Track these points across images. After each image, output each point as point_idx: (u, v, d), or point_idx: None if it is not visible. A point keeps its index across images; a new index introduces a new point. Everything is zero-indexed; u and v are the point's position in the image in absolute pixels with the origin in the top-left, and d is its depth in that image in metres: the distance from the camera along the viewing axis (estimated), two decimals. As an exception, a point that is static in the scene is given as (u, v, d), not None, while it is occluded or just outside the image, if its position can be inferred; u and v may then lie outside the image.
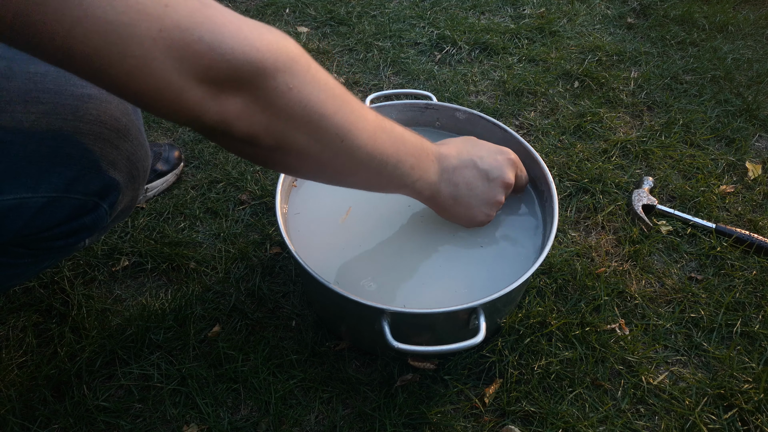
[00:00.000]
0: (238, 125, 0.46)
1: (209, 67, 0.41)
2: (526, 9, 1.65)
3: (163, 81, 0.40)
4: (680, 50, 1.52)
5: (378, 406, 0.81)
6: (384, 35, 1.52)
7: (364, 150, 0.55)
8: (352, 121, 0.53)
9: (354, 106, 0.54)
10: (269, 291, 0.94)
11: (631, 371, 0.86)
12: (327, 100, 0.50)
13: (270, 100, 0.46)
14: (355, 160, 0.55)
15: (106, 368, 0.84)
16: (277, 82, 0.45)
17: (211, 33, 0.41)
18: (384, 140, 0.57)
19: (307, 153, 0.51)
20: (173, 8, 0.39)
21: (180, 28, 0.39)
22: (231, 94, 0.44)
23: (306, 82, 0.48)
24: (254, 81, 0.44)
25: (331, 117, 0.50)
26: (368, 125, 0.55)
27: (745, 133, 1.27)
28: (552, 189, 0.82)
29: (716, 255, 1.02)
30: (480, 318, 0.69)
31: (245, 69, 0.43)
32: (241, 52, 0.42)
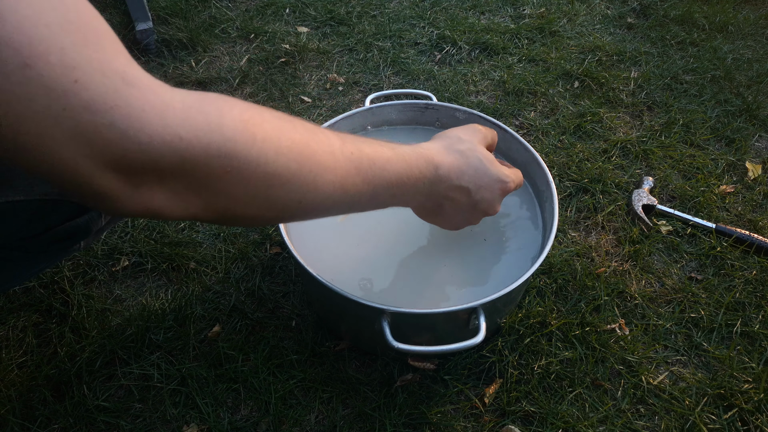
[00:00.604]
0: (168, 212, 0.41)
1: (122, 156, 0.36)
2: (526, 9, 1.65)
3: (65, 165, 0.35)
4: (680, 50, 1.52)
5: (378, 406, 0.81)
6: (384, 35, 1.52)
7: (329, 200, 0.50)
8: (313, 179, 0.47)
9: (318, 158, 0.48)
10: (269, 291, 0.94)
11: (631, 371, 0.86)
12: (278, 170, 0.44)
13: (204, 185, 0.40)
14: (320, 210, 0.51)
15: (106, 368, 0.84)
16: (211, 167, 0.40)
17: (126, 119, 0.35)
18: (357, 183, 0.52)
19: (262, 218, 0.47)
20: (84, 85, 0.33)
21: (89, 110, 0.34)
22: (155, 185, 0.39)
23: (250, 160, 0.42)
24: (181, 170, 0.39)
25: (285, 185, 0.45)
26: (336, 174, 0.49)
27: (745, 133, 1.27)
28: (552, 189, 0.82)
29: (716, 255, 1.02)
30: (480, 318, 0.69)
31: (167, 160, 0.37)
32: (160, 142, 0.36)
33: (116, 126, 0.35)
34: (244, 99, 1.31)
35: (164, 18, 1.51)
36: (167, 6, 1.54)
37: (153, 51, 1.41)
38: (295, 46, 1.46)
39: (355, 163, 0.52)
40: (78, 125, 0.34)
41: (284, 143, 0.44)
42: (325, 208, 0.51)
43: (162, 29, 1.47)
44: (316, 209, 0.50)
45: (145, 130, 0.36)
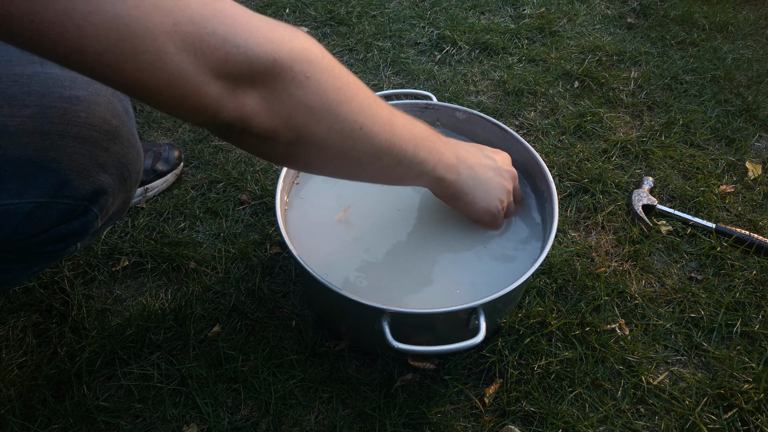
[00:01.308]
0: (257, 121, 0.45)
1: (225, 60, 0.40)
2: (526, 9, 1.65)
3: (178, 77, 0.39)
4: (680, 50, 1.52)
5: (378, 406, 0.81)
6: (384, 35, 1.52)
7: (383, 136, 0.54)
8: (368, 107, 0.52)
9: (368, 93, 0.53)
10: (269, 291, 0.94)
11: (631, 371, 0.86)
12: (343, 87, 0.49)
13: (289, 91, 0.45)
14: (375, 149, 0.54)
15: (106, 368, 0.84)
16: (295, 72, 0.45)
17: (224, 26, 0.40)
18: (399, 127, 0.56)
19: (327, 144, 0.50)
20: (185, 2, 0.38)
21: (193, 22, 0.38)
22: (249, 89, 0.43)
23: (322, 70, 0.47)
24: (271, 73, 0.43)
25: (349, 103, 0.50)
26: (384, 111, 0.54)
27: (745, 133, 1.27)
28: (552, 189, 0.82)
29: (716, 255, 1.02)
30: (480, 318, 0.69)
31: (261, 61, 0.42)
32: (255, 44, 0.42)
33: (217, 33, 0.40)
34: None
35: (164, 18, 1.51)
36: (167, 6, 1.53)
37: (153, 51, 1.41)
38: (295, 46, 1.46)
39: (393, 110, 0.57)
40: (187, 36, 0.38)
41: (343, 69, 0.50)
42: (378, 150, 0.54)
43: (162, 29, 1.47)
44: (371, 147, 0.53)
45: (240, 34, 0.41)
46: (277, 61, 0.43)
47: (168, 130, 1.24)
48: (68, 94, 0.58)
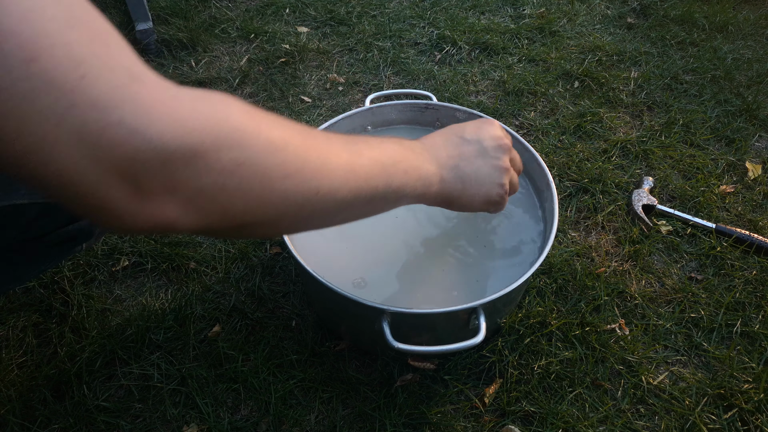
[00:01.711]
0: (182, 223, 0.38)
1: (132, 158, 0.33)
2: (526, 9, 1.65)
3: (72, 174, 0.32)
4: (680, 50, 1.52)
5: (378, 406, 0.81)
6: (384, 35, 1.52)
7: (345, 188, 0.48)
8: (323, 165, 0.45)
9: (319, 146, 0.46)
10: (269, 291, 0.94)
11: (631, 371, 0.86)
12: (288, 159, 0.42)
13: (219, 184, 0.38)
14: (339, 203, 0.48)
15: (106, 368, 0.84)
16: (223, 162, 0.37)
17: (136, 114, 0.33)
18: (364, 167, 0.50)
19: (281, 219, 0.44)
20: (91, 81, 0.31)
21: (96, 107, 0.31)
22: (166, 191, 0.36)
23: (258, 150, 0.40)
24: (194, 168, 0.36)
25: (298, 173, 0.43)
26: (341, 159, 0.48)
27: (745, 133, 1.27)
28: (552, 189, 0.82)
29: (716, 255, 1.02)
30: (480, 318, 0.69)
31: (179, 156, 0.35)
32: (172, 136, 0.34)
33: (125, 123, 0.32)
34: (244, 99, 1.31)
35: (164, 18, 1.51)
36: (167, 6, 1.54)
37: (153, 51, 1.41)
38: (295, 46, 1.46)
39: (354, 149, 0.51)
40: (85, 124, 0.31)
41: (287, 132, 0.43)
42: (343, 201, 0.48)
43: (162, 29, 1.47)
44: (334, 203, 0.47)
45: (155, 125, 0.33)
46: (200, 154, 0.36)
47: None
48: None
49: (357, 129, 0.97)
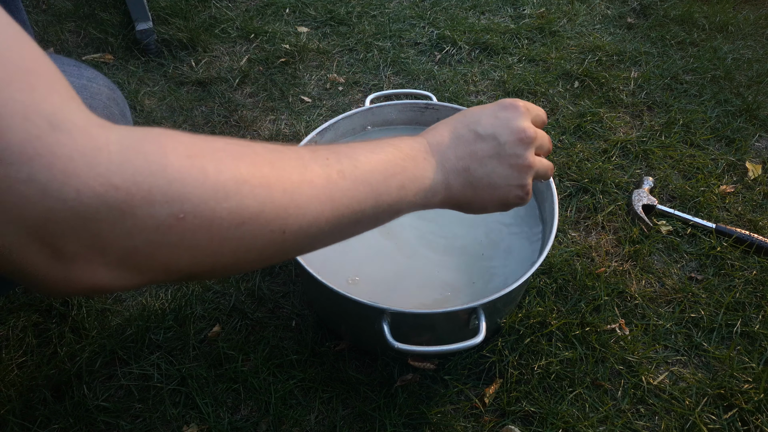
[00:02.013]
0: (118, 285, 0.34)
1: (47, 219, 0.29)
2: (526, 9, 1.65)
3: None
4: (680, 50, 1.52)
5: (378, 406, 0.81)
6: (384, 35, 1.52)
7: (322, 220, 0.41)
8: (291, 200, 0.39)
9: (290, 176, 0.39)
10: (269, 291, 0.94)
11: (631, 371, 0.86)
12: (244, 201, 0.36)
13: (155, 243, 0.32)
14: (315, 236, 0.42)
15: (106, 368, 0.84)
16: (158, 218, 0.32)
17: (48, 170, 0.28)
18: (346, 190, 0.43)
19: (241, 264, 0.38)
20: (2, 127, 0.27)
21: (3, 162, 0.27)
22: (93, 254, 0.31)
23: (204, 198, 0.34)
24: (121, 227, 0.31)
25: (258, 216, 0.37)
26: (316, 188, 0.41)
27: (745, 133, 1.27)
28: (552, 189, 0.82)
29: (716, 255, 1.02)
30: (480, 318, 0.69)
31: (103, 215, 0.30)
32: (91, 195, 0.29)
33: (35, 180, 0.28)
34: (244, 99, 1.31)
35: (164, 18, 1.51)
36: (167, 6, 1.54)
37: (153, 51, 1.41)
38: (295, 46, 1.46)
39: (334, 167, 0.43)
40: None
41: (244, 170, 0.36)
42: (323, 232, 0.42)
43: (162, 29, 1.47)
44: (311, 235, 0.41)
45: (71, 182, 0.29)
46: (128, 211, 0.31)
47: (168, 130, 1.24)
48: None
49: (357, 129, 0.97)
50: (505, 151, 0.53)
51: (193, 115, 1.26)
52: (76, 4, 1.53)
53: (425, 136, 0.53)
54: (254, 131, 1.24)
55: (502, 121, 0.53)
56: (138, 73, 1.36)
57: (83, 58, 1.38)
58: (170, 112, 1.27)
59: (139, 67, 1.37)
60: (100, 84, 0.60)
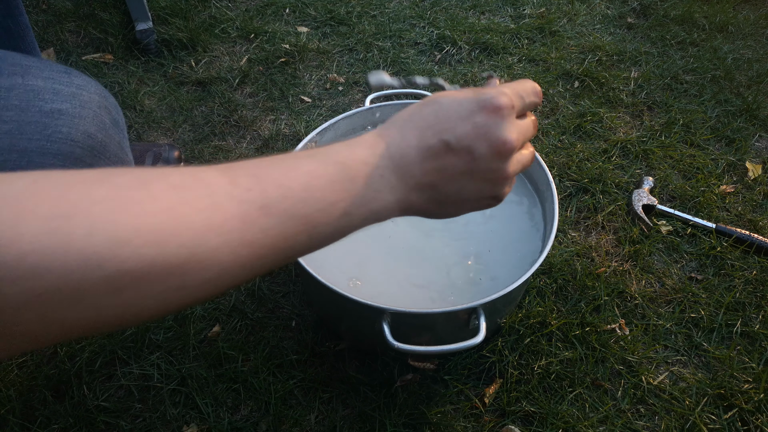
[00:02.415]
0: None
1: None
2: (526, 9, 1.65)
3: None
4: (680, 50, 1.52)
5: (378, 406, 0.81)
6: (384, 35, 1.52)
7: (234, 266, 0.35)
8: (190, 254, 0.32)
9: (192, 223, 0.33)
10: (269, 291, 0.94)
11: (632, 371, 0.86)
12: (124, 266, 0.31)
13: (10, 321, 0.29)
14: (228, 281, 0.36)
15: (106, 368, 0.84)
16: (9, 297, 0.28)
17: None
18: (269, 227, 0.36)
19: (132, 321, 0.33)
20: None
21: None
22: None
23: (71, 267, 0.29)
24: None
25: (142, 280, 0.31)
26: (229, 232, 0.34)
27: (745, 133, 1.27)
28: (552, 189, 0.82)
29: (716, 255, 1.02)
30: (480, 318, 0.69)
31: None
32: None
33: None
34: (244, 99, 1.31)
35: (164, 18, 1.51)
36: (167, 6, 1.54)
37: (153, 51, 1.41)
38: (295, 46, 1.46)
39: (256, 201, 0.35)
40: None
41: (128, 225, 0.31)
42: (240, 275, 0.36)
43: (162, 29, 1.47)
44: (224, 283, 0.35)
45: None
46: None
47: (168, 130, 1.24)
48: (49, 108, 0.53)
49: (357, 129, 0.97)
50: (480, 166, 0.43)
51: (193, 115, 1.26)
52: (76, 4, 1.53)
53: (386, 140, 0.42)
54: (254, 131, 1.24)
55: (479, 130, 0.42)
56: (138, 73, 1.36)
57: (83, 58, 1.38)
58: (170, 112, 1.27)
59: (139, 67, 1.37)
60: (91, 92, 0.59)
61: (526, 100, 0.46)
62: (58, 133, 0.53)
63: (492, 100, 0.42)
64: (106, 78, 1.33)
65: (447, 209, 0.47)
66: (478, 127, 0.42)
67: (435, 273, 0.81)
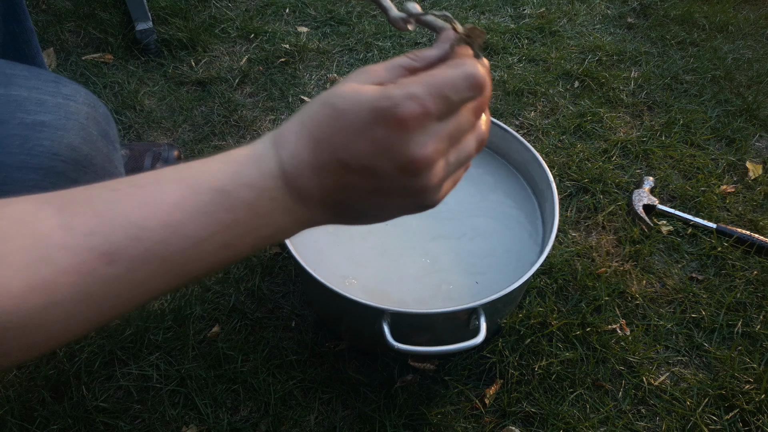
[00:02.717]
0: None
1: None
2: (526, 9, 1.65)
3: None
4: (680, 50, 1.52)
5: (378, 407, 0.80)
6: (384, 35, 1.52)
7: (72, 322, 0.31)
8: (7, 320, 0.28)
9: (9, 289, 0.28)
10: (269, 291, 0.94)
11: (632, 372, 0.85)
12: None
13: None
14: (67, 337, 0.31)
15: (105, 369, 0.84)
16: None
17: None
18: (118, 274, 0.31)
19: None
20: None
21: None
22: None
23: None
24: None
25: None
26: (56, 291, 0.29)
27: (745, 133, 1.27)
28: (552, 189, 0.81)
29: (717, 255, 1.01)
30: (480, 318, 0.68)
31: None
32: None
33: None
34: (244, 99, 1.31)
35: (164, 18, 1.51)
36: (167, 6, 1.53)
37: (153, 51, 1.40)
38: (295, 46, 1.46)
39: (98, 248, 0.30)
40: None
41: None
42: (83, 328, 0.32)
43: (162, 29, 1.47)
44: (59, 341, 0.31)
45: None
46: None
47: (168, 130, 1.24)
48: (32, 120, 0.51)
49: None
50: (388, 185, 0.34)
51: (193, 115, 1.26)
52: (76, 4, 1.53)
53: (278, 152, 0.34)
54: (254, 131, 1.24)
55: (380, 148, 0.32)
56: (138, 73, 1.35)
57: (83, 58, 1.38)
58: (170, 112, 1.27)
59: (138, 67, 1.37)
60: (79, 102, 0.56)
61: (453, 99, 0.33)
62: (40, 146, 0.50)
63: (393, 111, 0.31)
64: (106, 78, 1.33)
65: (364, 221, 0.39)
66: (377, 143, 0.32)
67: (435, 273, 0.80)
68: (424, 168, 0.33)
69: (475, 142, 0.37)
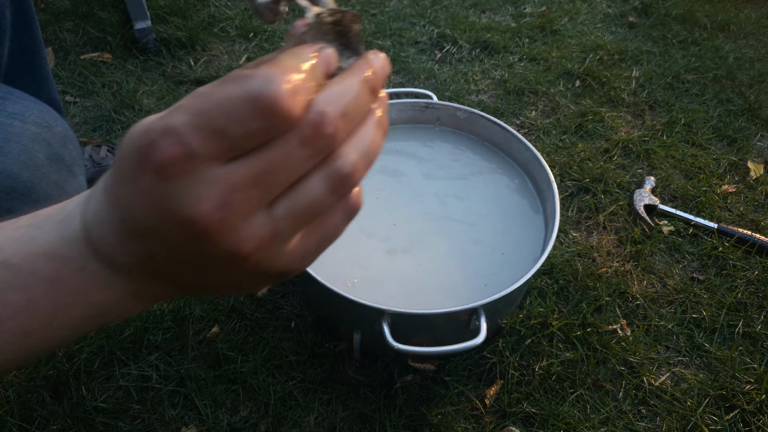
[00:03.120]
0: None
1: None
2: (527, 8, 1.64)
3: None
4: (682, 49, 1.51)
5: (378, 408, 0.80)
6: (384, 34, 1.51)
7: None
8: None
9: None
10: (269, 291, 0.94)
11: (633, 372, 0.85)
12: None
13: None
14: None
15: (105, 369, 0.84)
16: None
17: None
18: None
19: None
20: None
21: None
22: None
23: None
24: None
25: None
26: None
27: (747, 133, 1.26)
28: (553, 189, 0.81)
29: (718, 255, 1.01)
30: (481, 319, 0.68)
31: None
32: None
33: None
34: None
35: (163, 17, 1.50)
36: (166, 5, 1.53)
37: (152, 50, 1.40)
38: (294, 44, 1.45)
39: None
40: None
41: None
42: None
43: (161, 28, 1.46)
44: None
45: None
46: None
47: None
48: None
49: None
50: (187, 254, 0.23)
51: (193, 114, 1.26)
52: (75, 3, 1.52)
53: (86, 208, 0.26)
54: (254, 130, 1.23)
55: (150, 203, 0.22)
56: (136, 72, 1.35)
57: (81, 57, 1.37)
58: (169, 111, 1.26)
59: (137, 66, 1.37)
60: (27, 122, 0.50)
61: (232, 132, 0.21)
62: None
63: (149, 152, 0.21)
64: (105, 77, 1.32)
65: (215, 293, 0.29)
66: (147, 197, 0.22)
67: (434, 273, 0.80)
68: (211, 230, 0.22)
69: (324, 182, 0.24)
